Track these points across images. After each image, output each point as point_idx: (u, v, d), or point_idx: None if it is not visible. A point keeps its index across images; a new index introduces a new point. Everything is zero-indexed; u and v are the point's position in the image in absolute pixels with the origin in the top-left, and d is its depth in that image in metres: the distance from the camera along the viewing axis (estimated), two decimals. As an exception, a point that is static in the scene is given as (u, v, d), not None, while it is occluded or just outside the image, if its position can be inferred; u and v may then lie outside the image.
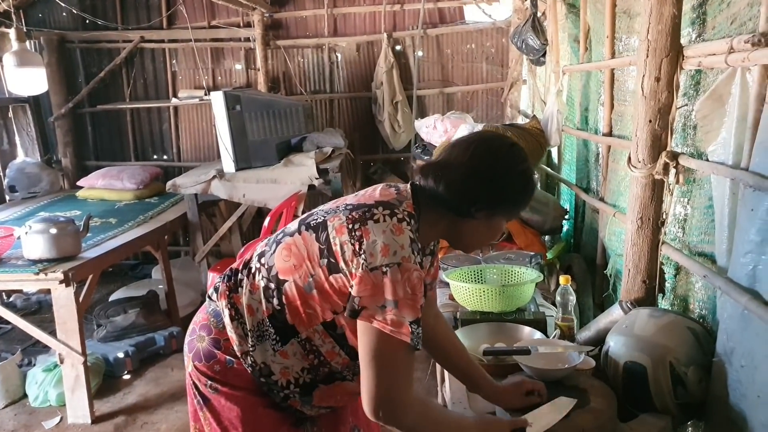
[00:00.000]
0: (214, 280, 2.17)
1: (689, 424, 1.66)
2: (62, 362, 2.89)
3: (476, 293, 1.97)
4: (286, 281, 1.26)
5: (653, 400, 1.46)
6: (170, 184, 3.88)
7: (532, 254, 2.48)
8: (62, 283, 2.72)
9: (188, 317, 2.84)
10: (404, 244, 1.16)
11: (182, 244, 5.31)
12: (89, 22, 4.99)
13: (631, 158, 1.82)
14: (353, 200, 1.28)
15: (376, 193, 1.28)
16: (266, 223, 3.41)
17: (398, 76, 4.80)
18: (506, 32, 4.69)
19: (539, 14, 3.49)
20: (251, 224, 4.81)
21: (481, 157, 1.24)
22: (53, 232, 2.78)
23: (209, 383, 1.35)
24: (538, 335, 1.81)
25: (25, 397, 3.16)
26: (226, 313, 1.33)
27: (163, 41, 5.10)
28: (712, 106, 1.52)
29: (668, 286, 1.88)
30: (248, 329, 1.30)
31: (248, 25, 4.95)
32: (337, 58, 5.03)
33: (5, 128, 5.01)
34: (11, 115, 5.05)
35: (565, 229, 3.20)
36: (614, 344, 1.58)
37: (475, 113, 4.86)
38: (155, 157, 5.33)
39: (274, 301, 1.27)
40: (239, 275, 1.35)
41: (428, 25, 4.87)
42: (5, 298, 4.35)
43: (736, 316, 1.36)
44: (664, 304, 1.90)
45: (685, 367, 1.44)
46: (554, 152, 3.71)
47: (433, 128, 3.63)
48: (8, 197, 4.43)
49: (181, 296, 4.09)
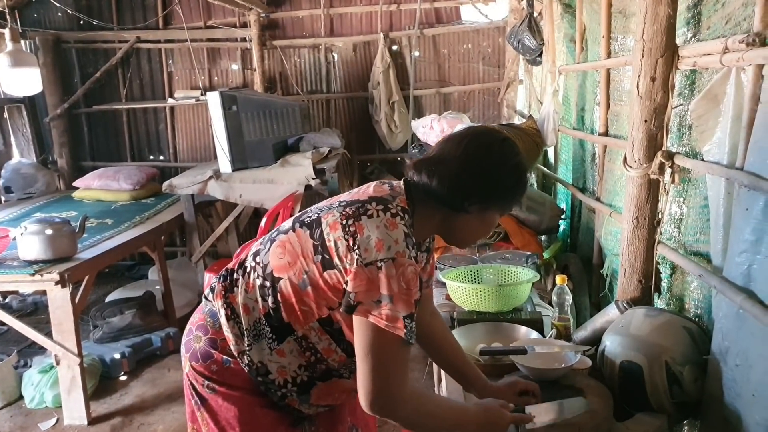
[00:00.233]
0: (210, 280, 2.16)
1: (685, 423, 1.66)
2: (58, 363, 2.88)
3: (473, 293, 1.98)
4: (280, 279, 1.26)
5: (649, 399, 1.47)
6: (167, 184, 3.87)
7: (528, 254, 2.48)
8: (58, 284, 2.72)
9: (185, 318, 2.84)
10: (398, 238, 1.17)
11: (179, 244, 5.30)
12: (85, 22, 4.99)
13: (626, 158, 1.83)
14: (347, 197, 1.29)
15: (369, 189, 1.29)
16: (263, 223, 3.41)
17: (395, 76, 4.80)
18: (503, 32, 4.69)
19: (535, 14, 3.51)
20: (248, 225, 4.80)
21: (473, 151, 1.25)
22: (49, 233, 2.78)
23: (206, 383, 1.35)
24: (534, 335, 1.82)
25: (21, 398, 3.16)
26: (222, 312, 1.33)
27: (159, 41, 5.09)
28: (707, 105, 1.52)
29: (664, 285, 1.89)
30: (244, 328, 1.30)
31: (244, 25, 4.94)
32: (333, 58, 5.02)
33: (0, 129, 4.99)
34: (6, 115, 5.04)
35: (561, 228, 3.21)
36: (610, 344, 1.58)
37: (471, 113, 4.86)
38: (152, 157, 5.32)
39: (269, 299, 1.27)
40: (235, 275, 1.35)
41: (425, 25, 4.87)
42: (1, 299, 4.34)
43: (731, 315, 1.36)
44: (660, 303, 1.91)
45: (680, 366, 1.44)
46: (551, 152, 3.71)
47: (429, 128, 3.63)
48: (4, 198, 4.41)
49: (177, 297, 4.09)
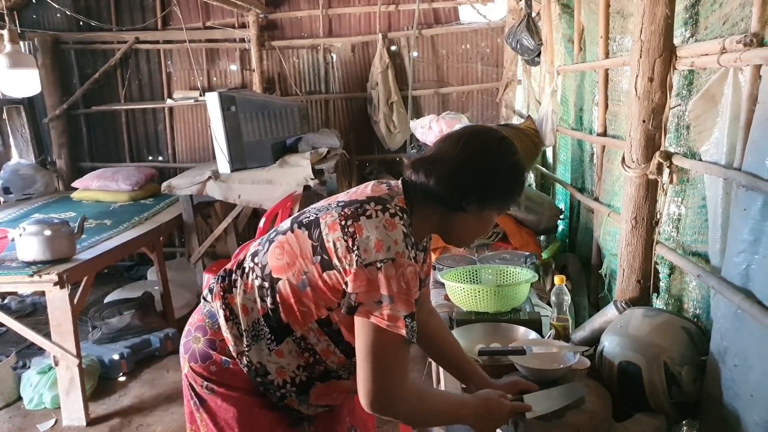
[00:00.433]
0: (209, 281, 2.16)
1: (684, 423, 1.66)
2: (57, 364, 2.88)
3: (471, 293, 1.98)
4: (279, 279, 1.26)
5: (648, 399, 1.47)
6: (165, 185, 3.87)
7: (527, 254, 2.48)
8: (56, 285, 2.72)
9: (184, 318, 2.84)
10: (397, 239, 1.17)
11: (178, 245, 5.30)
12: (83, 23, 4.98)
13: (625, 158, 1.83)
14: (345, 197, 1.29)
15: (367, 189, 1.29)
16: (261, 224, 3.40)
17: (393, 76, 4.80)
18: (501, 32, 4.70)
19: (534, 14, 3.51)
20: (247, 225, 4.80)
21: (471, 150, 1.25)
22: (47, 233, 2.77)
23: (205, 384, 1.35)
24: (533, 335, 1.81)
25: (19, 399, 3.15)
26: (221, 313, 1.33)
27: (157, 42, 5.09)
28: (704, 106, 1.52)
29: (662, 285, 1.89)
30: (243, 329, 1.30)
31: (243, 25, 4.94)
32: (332, 58, 5.02)
33: (-1, 130, 4.99)
34: (5, 116, 5.03)
35: (560, 228, 3.21)
36: (609, 344, 1.58)
37: (470, 113, 4.86)
38: (150, 158, 5.32)
39: (268, 300, 1.27)
40: (233, 275, 1.35)
41: (423, 25, 4.87)
42: (0, 300, 4.33)
43: (729, 315, 1.36)
44: (658, 303, 1.91)
45: (679, 366, 1.44)
46: (549, 152, 3.71)
47: (428, 129, 3.63)
48: (2, 199, 4.40)
49: (176, 297, 4.09)
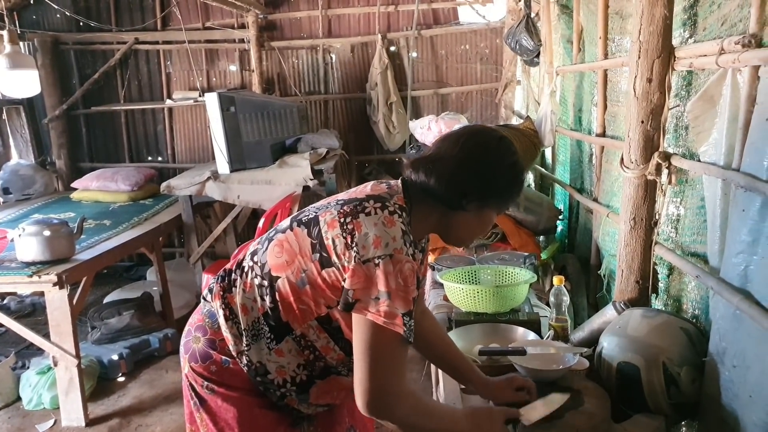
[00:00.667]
0: (208, 281, 2.15)
1: (683, 424, 1.66)
2: (56, 365, 2.88)
3: (470, 294, 1.98)
4: (278, 278, 1.26)
5: (647, 400, 1.47)
6: (165, 185, 3.87)
7: (526, 255, 2.48)
8: (56, 285, 2.71)
9: (183, 319, 2.83)
10: (396, 236, 1.17)
11: (177, 245, 5.30)
12: (83, 24, 4.98)
13: (623, 159, 1.83)
14: (344, 196, 1.30)
15: (367, 188, 1.30)
16: (261, 224, 3.40)
17: (393, 77, 4.80)
18: (500, 33, 4.70)
19: (533, 15, 3.51)
20: (246, 225, 4.80)
21: (470, 149, 1.26)
22: (47, 234, 2.77)
23: (206, 384, 1.35)
24: (532, 336, 1.81)
25: (18, 400, 3.15)
26: (220, 313, 1.33)
27: (157, 43, 5.09)
28: (703, 107, 1.52)
29: (661, 286, 1.89)
30: (243, 329, 1.30)
31: (242, 26, 4.94)
32: (331, 59, 5.02)
33: (-1, 130, 4.99)
34: (5, 117, 5.03)
35: (559, 229, 3.21)
36: (608, 345, 1.58)
37: (469, 114, 4.86)
38: (150, 158, 5.32)
39: (267, 298, 1.27)
40: (233, 275, 1.35)
41: (422, 26, 4.87)
42: (-1, 300, 4.34)
43: (728, 316, 1.36)
44: (657, 304, 1.91)
45: (678, 367, 1.44)
46: (548, 153, 3.72)
47: (427, 129, 3.63)
48: (2, 199, 4.40)
49: (175, 298, 4.08)
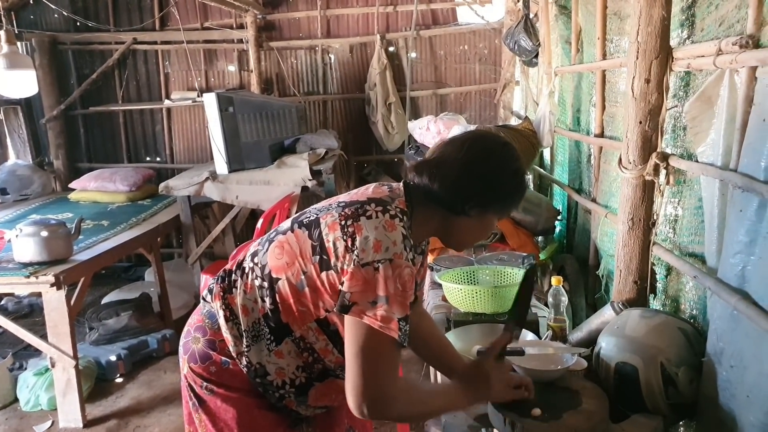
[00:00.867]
0: (207, 282, 2.15)
1: (681, 424, 1.66)
2: (53, 366, 2.87)
3: (469, 294, 1.98)
4: (279, 279, 1.26)
5: (645, 400, 1.47)
6: (163, 186, 3.86)
7: (524, 255, 2.48)
8: (53, 286, 2.71)
9: (181, 319, 2.83)
10: (396, 240, 1.17)
11: (175, 246, 5.29)
12: (81, 24, 4.97)
13: (621, 159, 1.83)
14: (346, 198, 1.29)
15: (368, 191, 1.29)
16: (259, 224, 3.40)
17: (391, 77, 4.80)
18: (499, 33, 4.70)
19: (531, 16, 3.51)
20: (244, 226, 4.80)
21: (475, 154, 1.25)
22: (44, 234, 2.77)
23: (205, 385, 1.35)
24: (530, 336, 1.81)
25: (16, 401, 3.14)
26: (220, 314, 1.33)
27: (155, 43, 5.09)
28: (701, 107, 1.53)
29: (659, 286, 1.89)
30: (243, 330, 1.30)
31: (241, 26, 4.94)
32: (330, 59, 5.02)
33: (-4, 130, 4.98)
34: (2, 117, 5.02)
35: (557, 229, 3.21)
36: (606, 345, 1.58)
37: (468, 114, 4.87)
38: (148, 158, 5.32)
39: (267, 300, 1.27)
40: (233, 276, 1.35)
41: (421, 26, 4.87)
42: (-3, 301, 4.33)
43: (725, 316, 1.36)
44: (655, 304, 1.91)
45: (676, 367, 1.45)
46: (546, 153, 3.72)
47: (426, 129, 3.64)
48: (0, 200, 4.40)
49: (174, 298, 4.08)
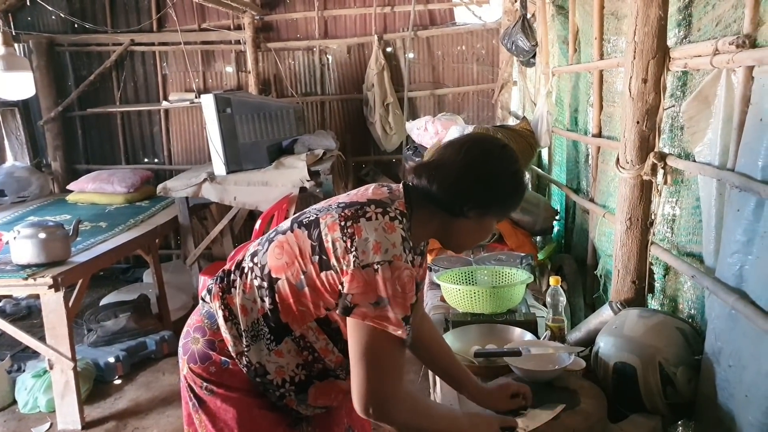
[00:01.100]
0: (205, 283, 2.15)
1: (679, 423, 1.66)
2: (52, 368, 2.87)
3: (467, 295, 1.98)
4: (278, 279, 1.26)
5: (643, 400, 1.47)
6: (161, 187, 3.86)
7: (523, 255, 2.48)
8: (51, 288, 2.70)
9: (180, 321, 2.83)
10: (396, 242, 1.17)
11: (173, 247, 5.29)
12: (78, 25, 4.97)
13: (619, 159, 1.83)
14: (345, 199, 1.29)
15: (368, 192, 1.29)
16: (257, 225, 3.40)
17: (389, 77, 4.81)
18: (496, 34, 4.70)
19: (529, 16, 3.51)
20: (243, 227, 4.80)
21: (474, 157, 1.26)
22: (42, 236, 2.76)
23: (205, 385, 1.35)
24: (528, 336, 1.81)
25: (14, 403, 3.13)
26: (220, 314, 1.33)
27: (153, 44, 5.08)
28: (698, 107, 1.53)
29: (657, 286, 1.89)
30: (242, 329, 1.30)
31: (239, 27, 4.94)
32: (327, 60, 5.02)
33: (-6, 132, 4.98)
34: (0, 119, 5.02)
35: (555, 229, 3.21)
36: (604, 345, 1.58)
37: (466, 114, 4.87)
38: (146, 160, 5.31)
39: (267, 300, 1.27)
40: (232, 276, 1.35)
41: (419, 26, 4.88)
42: (-5, 303, 4.32)
43: (723, 316, 1.37)
44: (653, 304, 1.91)
45: (674, 367, 1.45)
46: (544, 153, 3.72)
47: (424, 130, 3.64)
48: (-3, 202, 4.39)
49: (172, 300, 4.07)
